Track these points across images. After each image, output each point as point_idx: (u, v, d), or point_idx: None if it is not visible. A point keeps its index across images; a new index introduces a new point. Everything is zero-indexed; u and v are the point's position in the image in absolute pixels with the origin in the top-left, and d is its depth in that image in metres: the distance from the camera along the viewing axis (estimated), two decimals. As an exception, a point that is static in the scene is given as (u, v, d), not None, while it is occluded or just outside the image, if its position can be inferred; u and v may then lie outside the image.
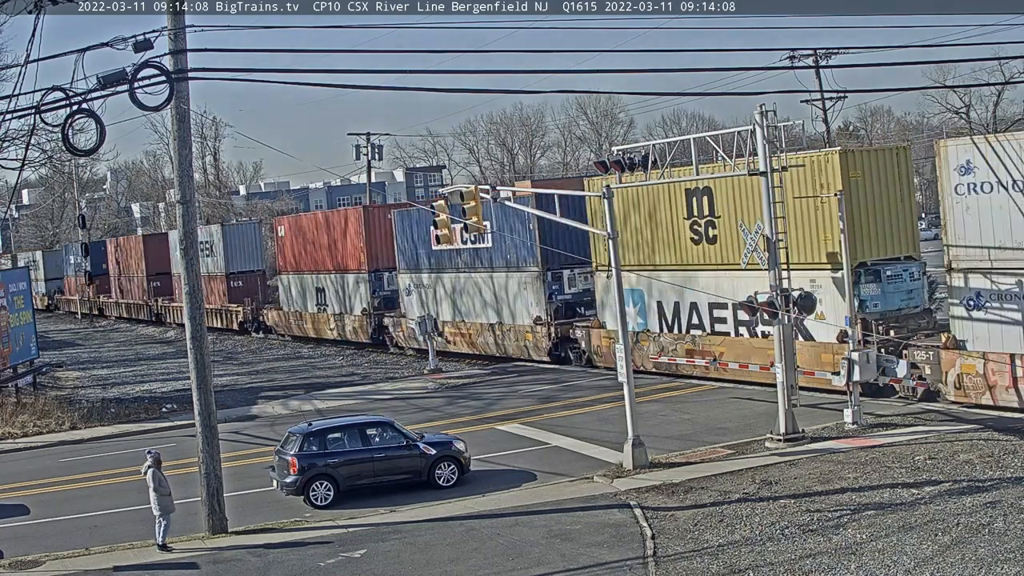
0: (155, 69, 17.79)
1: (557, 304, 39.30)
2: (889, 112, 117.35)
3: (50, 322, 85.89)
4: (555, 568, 17.21)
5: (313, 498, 22.45)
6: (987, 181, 25.00)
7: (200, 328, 21.41)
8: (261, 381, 43.55)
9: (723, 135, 25.82)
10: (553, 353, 38.97)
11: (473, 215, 27.81)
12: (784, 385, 24.11)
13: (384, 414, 27.38)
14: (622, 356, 23.63)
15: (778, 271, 24.45)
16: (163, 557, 19.65)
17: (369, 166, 72.31)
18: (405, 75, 48.42)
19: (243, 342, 59.43)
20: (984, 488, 18.93)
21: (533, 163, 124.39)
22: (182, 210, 21.34)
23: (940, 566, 15.33)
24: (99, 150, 20.20)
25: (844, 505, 18.86)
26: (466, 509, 21.09)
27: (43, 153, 45.95)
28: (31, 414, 36.31)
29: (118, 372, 50.59)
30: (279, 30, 21.76)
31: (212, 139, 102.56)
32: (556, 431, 27.97)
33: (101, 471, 27.94)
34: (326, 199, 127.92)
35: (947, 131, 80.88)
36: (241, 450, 28.92)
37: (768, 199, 24.56)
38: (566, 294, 39.47)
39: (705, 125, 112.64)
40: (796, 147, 30.96)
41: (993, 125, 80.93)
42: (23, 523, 23.40)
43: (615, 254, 24.16)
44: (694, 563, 16.71)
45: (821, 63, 56.24)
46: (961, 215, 25.65)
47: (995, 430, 23.24)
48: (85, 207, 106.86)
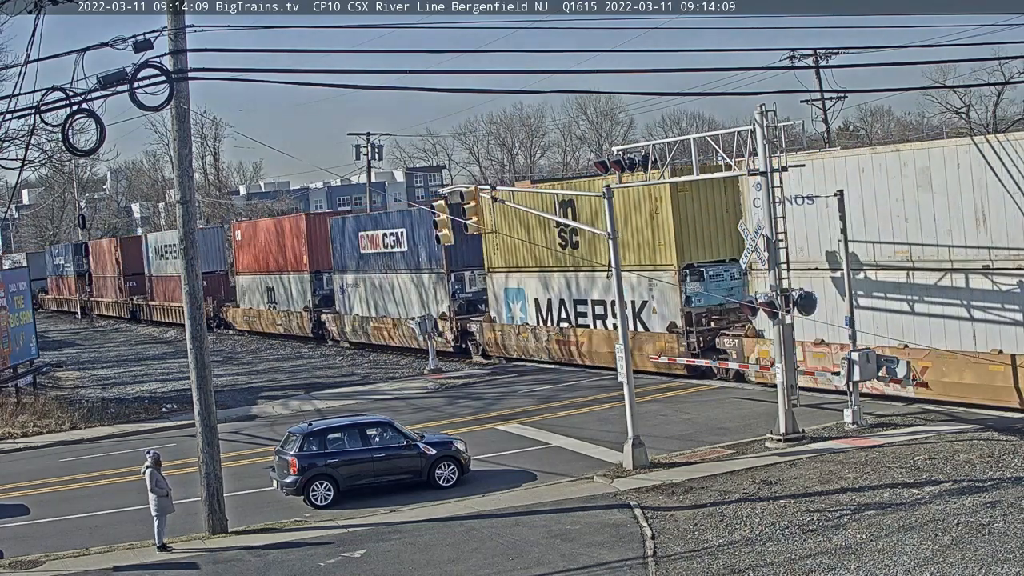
0: (155, 69, 17.78)
1: (460, 302, 44.10)
2: (889, 112, 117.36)
3: (50, 322, 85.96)
4: (555, 568, 17.21)
5: (313, 498, 22.45)
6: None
7: (200, 328, 21.40)
8: (261, 381, 43.56)
9: (723, 135, 25.81)
10: (455, 345, 43.57)
11: (473, 215, 27.88)
12: (784, 385, 24.11)
13: (384, 414, 27.37)
14: (622, 356, 23.61)
15: (778, 271, 24.47)
16: (163, 557, 19.65)
17: (369, 166, 72.32)
18: (405, 75, 48.49)
19: (243, 342, 59.70)
20: (984, 488, 18.93)
21: (533, 163, 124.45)
22: (182, 210, 21.32)
23: (940, 566, 15.33)
24: (99, 150, 20.19)
25: (844, 505, 18.86)
26: (466, 509, 21.09)
27: (43, 153, 46.01)
28: (31, 414, 36.31)
29: (118, 372, 50.60)
30: (279, 30, 21.77)
31: (212, 139, 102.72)
32: (556, 431, 27.97)
33: (101, 471, 27.95)
34: (326, 199, 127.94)
35: (947, 131, 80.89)
36: (241, 450, 28.92)
37: (768, 199, 24.56)
38: (467, 293, 44.21)
39: (705, 125, 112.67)
40: (796, 147, 31.01)
41: (993, 125, 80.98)
42: (23, 523, 23.40)
43: (615, 254, 24.12)
44: (694, 563, 16.70)
45: (821, 63, 56.29)
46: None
47: (995, 430, 23.25)
48: (85, 207, 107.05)
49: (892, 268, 26.89)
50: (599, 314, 37.03)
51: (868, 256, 27.31)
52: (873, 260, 27.27)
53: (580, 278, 37.77)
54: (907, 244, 26.54)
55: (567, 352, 38.30)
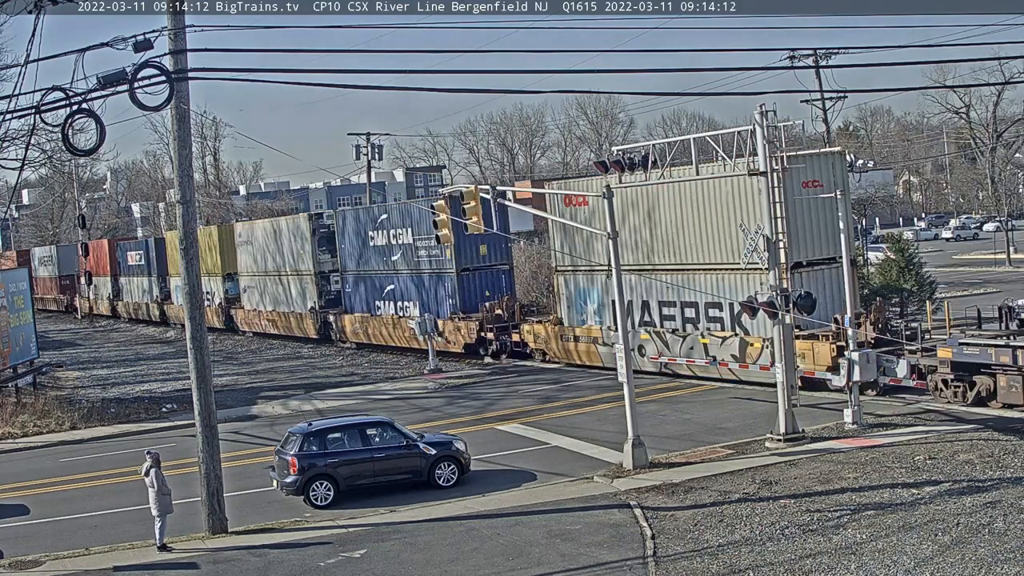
0: (155, 69, 17.75)
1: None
2: (889, 112, 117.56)
3: (50, 322, 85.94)
4: (555, 568, 17.21)
5: (313, 498, 22.45)
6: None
7: (200, 328, 21.39)
8: (261, 381, 43.54)
9: (723, 135, 25.82)
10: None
11: (473, 215, 27.86)
12: (784, 385, 24.11)
13: (384, 414, 27.36)
14: (622, 356, 23.60)
15: (779, 271, 24.49)
16: (163, 557, 19.64)
17: (369, 166, 72.27)
18: (405, 75, 48.36)
19: (242, 341, 59.68)
20: (984, 488, 18.94)
21: (533, 163, 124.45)
22: (182, 210, 21.32)
23: (940, 566, 15.33)
24: (99, 150, 20.16)
25: (844, 505, 18.87)
26: (466, 509, 21.09)
27: (43, 153, 45.93)
28: (31, 414, 36.28)
29: (118, 372, 50.57)
30: (279, 30, 21.75)
31: (212, 139, 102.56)
32: (556, 431, 27.97)
33: (101, 471, 27.94)
34: (326, 199, 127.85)
35: (947, 131, 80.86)
36: (241, 450, 28.91)
37: (768, 199, 24.57)
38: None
39: (705, 125, 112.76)
40: (796, 147, 31.02)
41: (993, 125, 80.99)
42: (23, 523, 23.39)
43: (615, 253, 24.12)
44: (694, 563, 16.70)
45: (821, 63, 56.18)
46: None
47: (995, 430, 23.26)
48: (85, 207, 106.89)
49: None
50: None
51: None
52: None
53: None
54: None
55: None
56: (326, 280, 53.59)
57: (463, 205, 27.72)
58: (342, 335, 51.61)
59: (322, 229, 53.79)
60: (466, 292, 43.41)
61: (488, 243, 42.35)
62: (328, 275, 53.43)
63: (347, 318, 50.79)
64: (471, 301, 43.22)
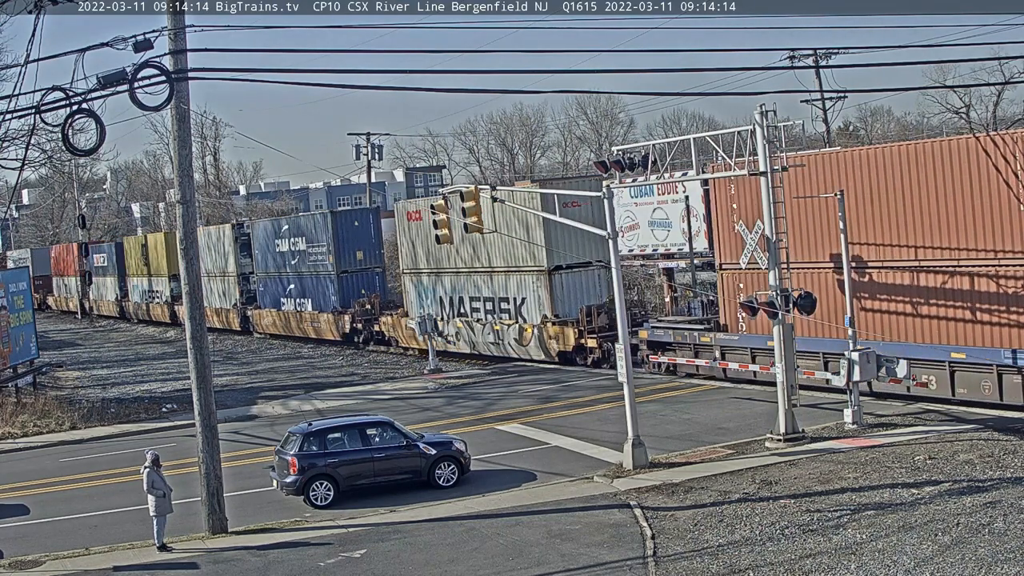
0: (155, 69, 17.75)
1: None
2: (889, 112, 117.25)
3: (50, 322, 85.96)
4: (555, 568, 17.21)
5: (313, 498, 22.45)
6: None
7: (200, 328, 21.41)
8: (261, 381, 43.56)
9: (723, 135, 25.82)
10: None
11: (473, 215, 27.90)
12: (784, 385, 24.10)
13: (384, 414, 27.36)
14: (622, 356, 23.60)
15: (779, 270, 24.48)
16: (163, 557, 19.65)
17: (369, 166, 72.33)
18: (405, 75, 48.35)
19: (243, 341, 59.80)
20: (984, 488, 18.94)
21: (533, 163, 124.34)
22: (182, 210, 21.33)
23: (940, 566, 15.33)
24: (99, 150, 20.20)
25: (844, 505, 18.87)
26: (466, 509, 21.09)
27: (43, 153, 46.01)
28: (31, 414, 36.29)
29: (118, 372, 50.60)
30: (279, 30, 21.74)
31: (212, 139, 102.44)
32: (556, 431, 27.97)
33: (101, 471, 27.94)
34: (326, 199, 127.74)
35: (947, 131, 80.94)
36: (241, 450, 28.92)
37: (768, 199, 24.57)
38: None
39: (705, 125, 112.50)
40: (796, 147, 31.04)
41: (993, 125, 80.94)
42: (23, 523, 23.40)
43: (615, 253, 24.12)
44: (694, 563, 16.70)
45: (821, 63, 56.26)
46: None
47: (995, 430, 23.26)
48: (85, 207, 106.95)
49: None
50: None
51: None
52: None
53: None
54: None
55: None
56: (247, 280, 62.86)
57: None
58: (257, 327, 60.90)
59: (243, 237, 62.68)
60: (345, 291, 52.26)
61: (364, 249, 52.64)
62: (248, 276, 62.73)
63: (260, 312, 60.20)
64: (348, 298, 52.09)
